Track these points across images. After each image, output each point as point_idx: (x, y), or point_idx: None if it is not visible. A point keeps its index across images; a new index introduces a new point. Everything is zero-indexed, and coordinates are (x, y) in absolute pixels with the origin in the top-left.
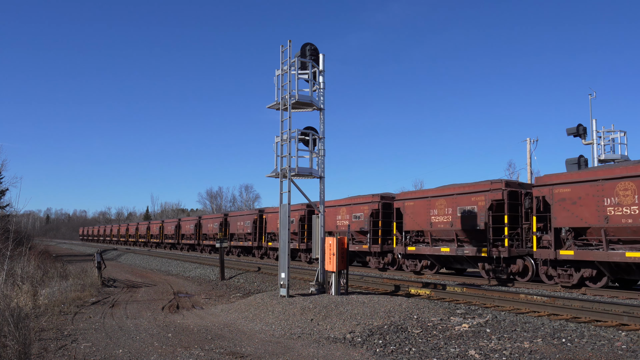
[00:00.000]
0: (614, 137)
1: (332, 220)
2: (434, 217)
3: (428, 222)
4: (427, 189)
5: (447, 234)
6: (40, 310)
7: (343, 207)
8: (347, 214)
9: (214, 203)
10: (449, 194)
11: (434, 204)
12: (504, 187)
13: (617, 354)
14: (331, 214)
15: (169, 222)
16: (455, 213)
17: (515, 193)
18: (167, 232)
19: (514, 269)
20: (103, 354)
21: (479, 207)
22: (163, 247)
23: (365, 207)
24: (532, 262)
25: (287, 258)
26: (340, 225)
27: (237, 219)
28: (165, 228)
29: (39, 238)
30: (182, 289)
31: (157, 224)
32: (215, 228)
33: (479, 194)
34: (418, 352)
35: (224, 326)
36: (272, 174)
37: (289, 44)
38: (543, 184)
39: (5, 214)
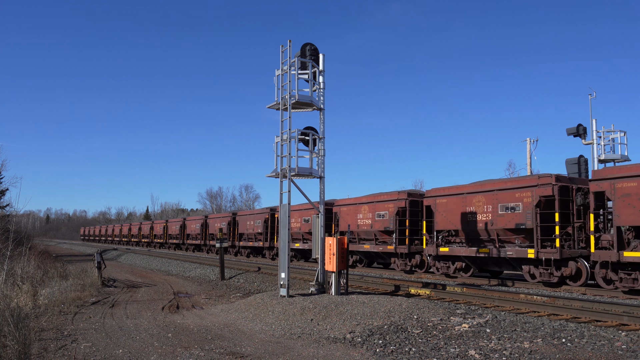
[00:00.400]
0: (614, 137)
1: (353, 219)
2: (471, 214)
3: (463, 221)
4: (461, 184)
5: (486, 233)
6: (40, 310)
7: (365, 205)
8: (370, 212)
9: (214, 203)
10: (489, 190)
11: (471, 201)
12: (554, 181)
13: (617, 354)
14: (351, 212)
15: (174, 222)
16: (495, 210)
17: (566, 188)
18: (172, 232)
19: (566, 272)
20: (103, 354)
21: (525, 204)
22: (167, 247)
23: (391, 204)
24: (585, 265)
25: (287, 258)
26: (362, 224)
27: (247, 218)
28: (170, 228)
29: (39, 238)
30: (182, 289)
31: (161, 224)
32: (224, 228)
33: (524, 190)
34: (418, 352)
35: (224, 326)
36: (272, 174)
37: (289, 44)
38: (602, 177)
39: (5, 214)
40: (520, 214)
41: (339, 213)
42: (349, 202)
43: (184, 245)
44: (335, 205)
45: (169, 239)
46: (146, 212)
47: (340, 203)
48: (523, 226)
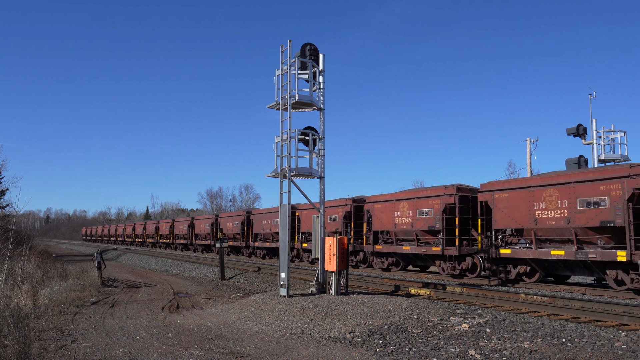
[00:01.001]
0: (614, 137)
1: (389, 218)
2: (541, 211)
3: (531, 218)
4: (526, 177)
5: (560, 232)
6: (40, 310)
7: (404, 201)
8: (410, 209)
9: (214, 203)
10: (564, 183)
11: (540, 196)
12: None
13: (617, 354)
14: (387, 210)
15: (181, 222)
16: (573, 206)
17: None
18: (179, 231)
19: None
20: (103, 354)
21: (613, 198)
22: (174, 248)
23: (436, 201)
24: None
25: (287, 258)
26: (401, 223)
27: (263, 217)
28: (177, 227)
29: (39, 238)
30: (182, 289)
31: (167, 223)
32: (236, 227)
33: (611, 182)
34: (418, 352)
35: (224, 326)
36: (272, 174)
37: (289, 44)
38: None
39: (5, 214)
40: (606, 209)
41: (371, 211)
42: (384, 199)
43: (192, 246)
44: (368, 202)
45: (175, 239)
46: (146, 212)
47: (374, 199)
48: (611, 224)
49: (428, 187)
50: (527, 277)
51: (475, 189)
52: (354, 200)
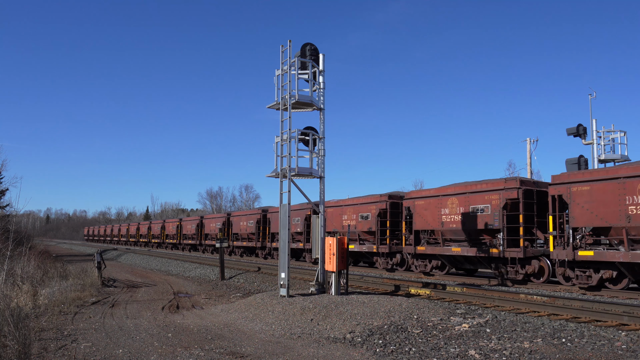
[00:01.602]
0: (614, 137)
1: (434, 216)
2: (635, 206)
3: (621, 215)
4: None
5: None
6: (40, 310)
7: (453, 197)
8: (461, 206)
9: (214, 203)
10: None
11: (635, 188)
12: None
13: (617, 354)
14: (432, 207)
15: (189, 221)
16: None
17: None
18: (187, 231)
19: None
20: (103, 354)
21: None
22: (181, 248)
23: (494, 196)
24: None
25: (287, 258)
26: (450, 221)
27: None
28: (185, 227)
29: (39, 238)
30: (182, 289)
31: (174, 223)
32: (251, 227)
33: None
34: (418, 352)
35: (224, 326)
36: (272, 174)
37: (289, 44)
38: None
39: (5, 214)
40: None
41: (412, 208)
42: (428, 194)
43: (200, 247)
44: (408, 199)
45: (182, 240)
46: (146, 212)
47: (415, 195)
48: None
49: (483, 181)
50: (612, 284)
51: (538, 182)
52: (389, 196)
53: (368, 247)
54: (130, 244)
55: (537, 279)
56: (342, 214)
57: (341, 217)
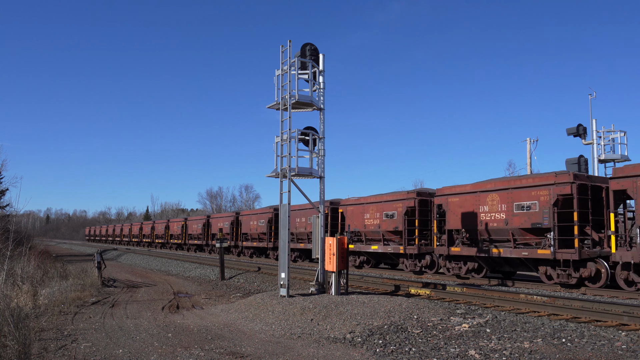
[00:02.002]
0: (614, 137)
1: (471, 214)
2: None
3: None
4: None
5: None
6: (40, 310)
7: (493, 193)
8: (503, 203)
9: (214, 203)
10: None
11: None
12: None
13: (617, 354)
14: (468, 204)
15: (195, 221)
16: None
17: None
18: (192, 231)
19: None
20: (103, 354)
21: None
22: (186, 249)
23: (543, 191)
24: None
25: (287, 258)
26: (490, 219)
27: (297, 214)
28: (190, 227)
29: (39, 238)
30: (182, 289)
31: (179, 222)
32: (262, 226)
33: None
34: (418, 352)
35: (224, 326)
36: (272, 174)
37: (289, 44)
38: None
39: (5, 214)
40: None
41: (445, 205)
42: (463, 190)
43: (207, 247)
44: (440, 195)
45: (188, 240)
46: (146, 212)
47: (448, 192)
48: None
49: (529, 175)
50: None
51: (592, 177)
52: (418, 192)
53: (394, 248)
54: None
55: (592, 283)
56: (364, 213)
57: (363, 216)
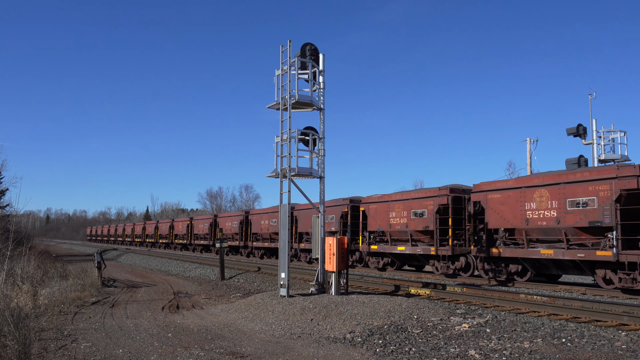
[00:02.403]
0: (614, 137)
1: (515, 211)
2: None
3: None
4: None
5: None
6: (40, 310)
7: (542, 188)
8: (552, 200)
9: (214, 203)
10: None
11: None
12: None
13: (617, 354)
14: (512, 200)
15: (201, 220)
16: None
17: None
18: (198, 231)
19: None
20: (103, 354)
21: None
22: (192, 249)
23: (603, 187)
24: None
25: (287, 258)
26: (535, 218)
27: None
28: (196, 227)
29: (39, 238)
30: (182, 289)
31: (184, 222)
32: (273, 226)
33: None
34: (418, 352)
35: (224, 326)
36: (272, 174)
37: (289, 44)
38: None
39: (5, 214)
40: None
41: (485, 202)
42: (506, 186)
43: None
44: (478, 192)
45: (194, 240)
46: (146, 212)
47: (487, 187)
48: None
49: (585, 169)
50: None
51: None
52: (451, 189)
53: (423, 249)
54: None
55: None
56: (389, 211)
57: (388, 215)
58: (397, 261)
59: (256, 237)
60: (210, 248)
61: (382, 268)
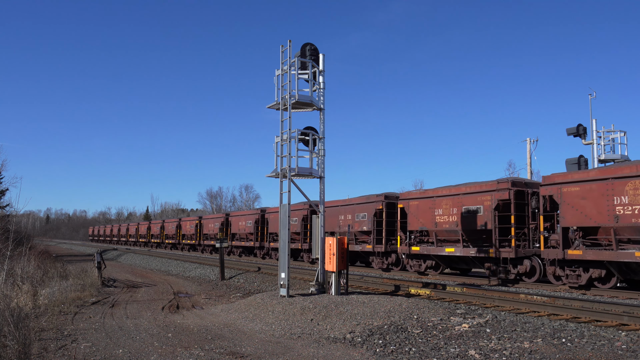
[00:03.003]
0: (614, 137)
1: (600, 208)
2: None
3: None
4: None
5: None
6: (40, 310)
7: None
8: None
9: (214, 203)
10: None
11: None
12: None
13: (617, 354)
14: (594, 194)
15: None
16: None
17: None
18: (208, 231)
19: None
20: (103, 354)
21: None
22: (201, 250)
23: None
24: None
25: (287, 258)
26: (638, 214)
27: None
28: (205, 226)
29: (39, 238)
30: (182, 289)
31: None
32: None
33: None
34: (418, 352)
35: (224, 326)
36: (272, 174)
37: (289, 44)
38: None
39: (5, 214)
40: None
41: (558, 197)
42: (584, 178)
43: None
44: (547, 185)
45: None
46: (146, 212)
47: (565, 179)
48: None
49: None
50: None
51: None
52: (512, 182)
53: (478, 251)
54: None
55: None
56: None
57: (432, 212)
58: (442, 264)
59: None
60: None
61: (423, 272)
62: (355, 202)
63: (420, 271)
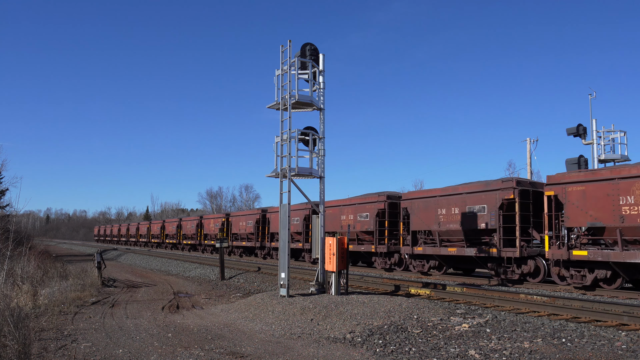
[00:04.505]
0: (614, 137)
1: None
2: None
3: None
4: None
5: None
6: (40, 310)
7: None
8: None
9: (214, 203)
10: None
11: None
12: None
13: (617, 354)
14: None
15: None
16: None
17: None
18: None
19: None
20: (103, 354)
21: None
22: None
23: None
24: None
25: (287, 258)
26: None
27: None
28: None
29: (39, 238)
30: (182, 289)
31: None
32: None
33: None
34: (418, 352)
35: (224, 326)
36: (272, 174)
37: (289, 44)
38: None
39: (5, 214)
40: None
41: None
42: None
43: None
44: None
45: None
46: (146, 212)
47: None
48: None
49: None
50: None
51: None
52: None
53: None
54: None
55: None
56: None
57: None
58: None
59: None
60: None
61: (426, 272)
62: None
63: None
